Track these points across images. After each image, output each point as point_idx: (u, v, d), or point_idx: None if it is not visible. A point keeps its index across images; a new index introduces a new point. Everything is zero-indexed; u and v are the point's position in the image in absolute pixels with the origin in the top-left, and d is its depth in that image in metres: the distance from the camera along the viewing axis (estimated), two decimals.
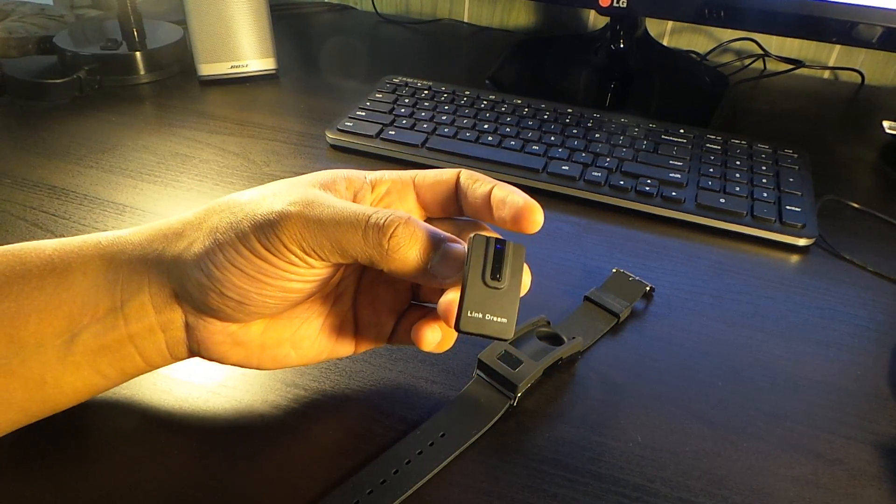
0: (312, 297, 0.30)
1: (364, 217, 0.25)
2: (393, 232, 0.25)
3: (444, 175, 0.30)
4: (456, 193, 0.30)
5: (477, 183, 0.29)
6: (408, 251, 0.25)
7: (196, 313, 0.27)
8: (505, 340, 0.25)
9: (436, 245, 0.26)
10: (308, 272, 0.26)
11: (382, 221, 0.25)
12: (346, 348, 0.31)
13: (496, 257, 0.25)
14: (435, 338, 0.28)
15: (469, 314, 0.24)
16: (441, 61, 0.77)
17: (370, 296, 0.31)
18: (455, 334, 0.29)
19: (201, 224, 0.27)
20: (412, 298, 0.32)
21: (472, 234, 0.26)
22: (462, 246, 0.26)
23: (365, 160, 0.55)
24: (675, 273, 0.43)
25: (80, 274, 0.27)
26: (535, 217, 0.27)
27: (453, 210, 0.31)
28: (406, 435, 0.30)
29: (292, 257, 0.25)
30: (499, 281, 0.25)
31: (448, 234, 0.26)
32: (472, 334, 0.25)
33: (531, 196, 0.28)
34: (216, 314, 0.27)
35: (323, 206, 0.25)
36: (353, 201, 0.28)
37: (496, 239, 0.25)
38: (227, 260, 0.25)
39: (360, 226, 0.25)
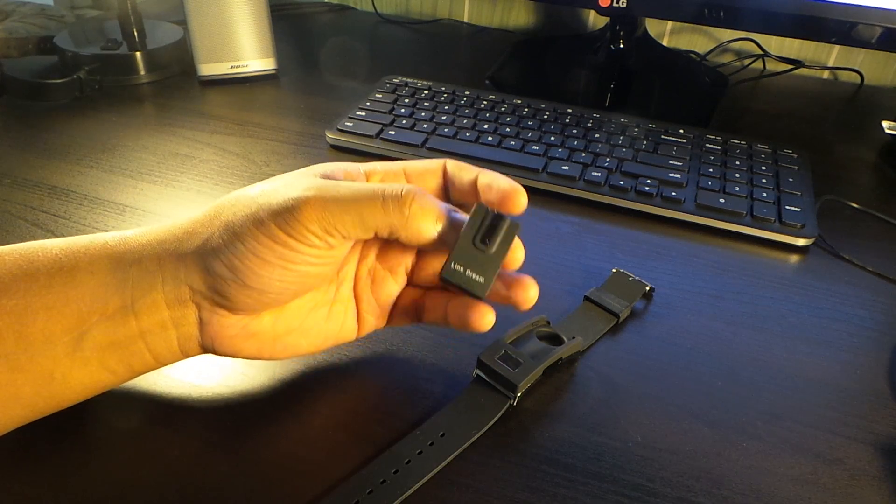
0: (318, 287, 0.30)
1: (380, 190, 0.27)
2: (411, 201, 0.27)
3: (431, 165, 0.32)
4: (444, 182, 0.32)
5: (463, 171, 0.32)
6: (423, 218, 0.27)
7: (211, 308, 0.28)
8: (478, 297, 0.28)
9: (443, 213, 0.28)
10: (326, 253, 0.27)
11: (400, 192, 0.27)
12: (349, 333, 0.33)
13: (490, 226, 0.28)
14: (489, 320, 0.30)
15: (453, 265, 0.28)
16: (441, 61, 0.77)
17: (369, 281, 0.32)
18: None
19: (213, 220, 0.28)
20: (407, 282, 0.33)
21: (476, 203, 0.28)
22: (462, 215, 0.29)
23: (365, 160, 0.54)
24: (675, 273, 0.43)
25: (88, 273, 0.27)
26: (520, 199, 0.29)
27: (442, 197, 0.32)
28: (406, 435, 0.30)
29: (313, 239, 0.26)
30: (486, 246, 0.28)
31: (450, 206, 0.29)
32: (451, 283, 0.28)
33: (531, 196, 0.28)
34: (234, 305, 0.28)
35: (338, 187, 0.27)
36: None
37: (496, 212, 0.28)
38: (249, 250, 0.26)
39: (379, 198, 0.27)
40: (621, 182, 0.50)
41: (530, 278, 0.30)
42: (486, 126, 0.57)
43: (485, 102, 0.61)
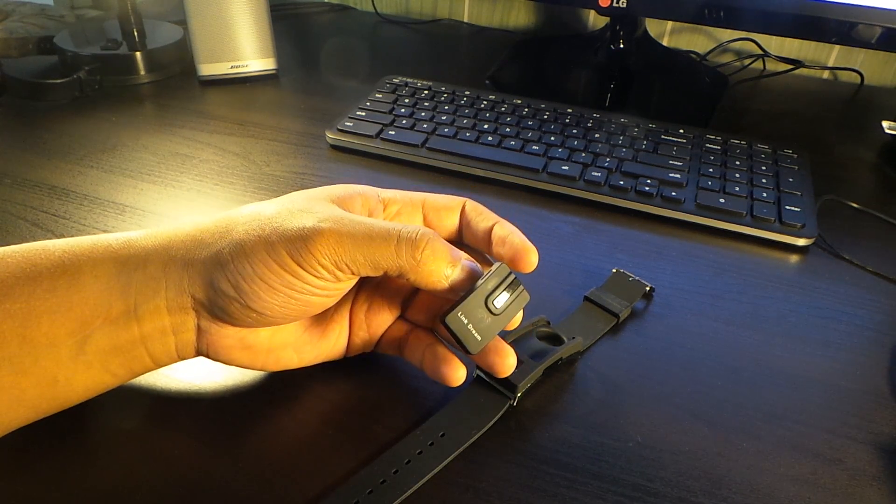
0: None
1: (395, 232, 0.27)
2: (424, 246, 0.27)
3: (451, 203, 0.33)
4: (461, 222, 0.33)
5: (481, 216, 0.32)
6: (434, 264, 0.27)
7: (210, 318, 0.28)
8: (468, 353, 0.28)
9: (458, 262, 0.28)
10: (333, 286, 0.28)
11: (414, 236, 0.27)
12: (339, 352, 0.33)
13: (506, 289, 0.28)
14: (461, 376, 0.30)
15: (459, 315, 0.27)
16: (441, 61, 0.77)
17: (365, 306, 0.33)
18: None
19: (223, 234, 0.28)
20: (400, 313, 0.34)
21: (500, 263, 0.29)
22: (477, 265, 0.29)
23: (365, 160, 0.55)
24: (675, 273, 0.43)
25: (92, 277, 0.27)
26: (531, 258, 0.30)
27: (455, 236, 0.33)
28: (406, 435, 0.30)
29: (323, 272, 0.26)
30: (496, 308, 0.28)
31: (465, 253, 0.29)
32: (449, 330, 0.28)
33: (531, 196, 0.28)
34: (233, 322, 0.28)
35: (354, 223, 0.27)
36: None
37: (515, 277, 0.29)
38: (256, 274, 0.26)
39: (393, 240, 0.27)
40: (621, 182, 0.50)
41: (510, 348, 0.30)
42: (486, 126, 0.57)
43: (485, 102, 0.61)
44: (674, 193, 0.49)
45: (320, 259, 0.26)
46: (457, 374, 0.30)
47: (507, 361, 0.29)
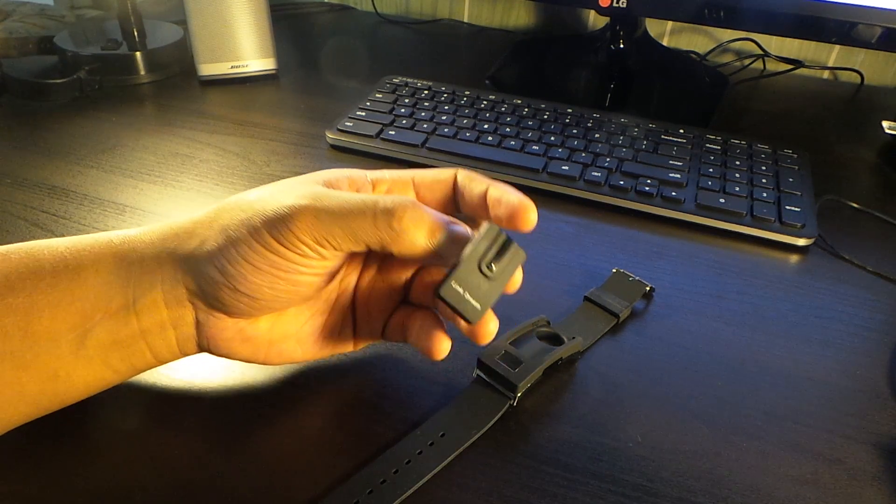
0: (317, 295, 0.31)
1: (372, 203, 0.26)
2: (401, 215, 0.26)
3: (442, 175, 0.32)
4: (454, 192, 0.32)
5: (474, 182, 0.31)
6: (416, 232, 0.27)
7: (207, 310, 0.28)
8: (470, 322, 0.27)
9: (440, 227, 0.27)
10: (318, 263, 0.27)
11: (391, 206, 0.26)
12: (346, 345, 0.33)
13: (499, 251, 0.27)
14: (445, 348, 0.30)
15: (453, 284, 0.26)
16: (441, 61, 0.77)
17: (367, 293, 0.32)
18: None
19: (212, 223, 0.28)
20: (403, 298, 0.33)
21: (486, 221, 0.28)
22: (463, 228, 0.28)
23: (365, 160, 0.55)
24: (675, 273, 0.43)
25: (93, 271, 0.27)
26: (530, 216, 0.29)
27: (451, 208, 0.32)
28: (406, 435, 0.30)
29: (305, 249, 0.26)
30: (490, 271, 0.27)
31: (450, 217, 0.28)
32: (446, 303, 0.26)
33: (531, 196, 0.29)
34: (227, 310, 0.28)
35: (332, 198, 0.27)
36: None
37: (507, 236, 0.27)
38: (241, 256, 0.26)
39: (370, 212, 0.26)
40: (621, 182, 0.50)
41: (491, 313, 0.29)
42: (486, 126, 0.57)
43: (485, 102, 0.61)
44: (674, 193, 0.49)
45: (300, 236, 0.26)
46: (440, 346, 0.29)
47: (487, 328, 0.29)
